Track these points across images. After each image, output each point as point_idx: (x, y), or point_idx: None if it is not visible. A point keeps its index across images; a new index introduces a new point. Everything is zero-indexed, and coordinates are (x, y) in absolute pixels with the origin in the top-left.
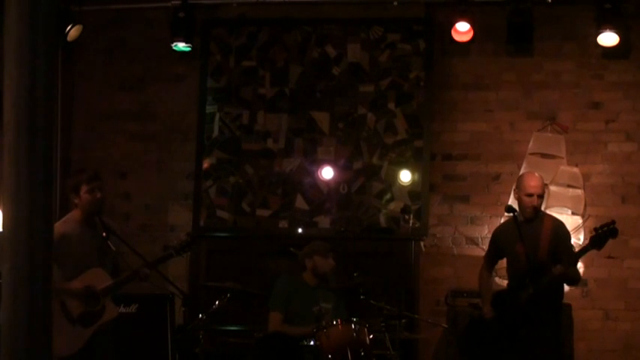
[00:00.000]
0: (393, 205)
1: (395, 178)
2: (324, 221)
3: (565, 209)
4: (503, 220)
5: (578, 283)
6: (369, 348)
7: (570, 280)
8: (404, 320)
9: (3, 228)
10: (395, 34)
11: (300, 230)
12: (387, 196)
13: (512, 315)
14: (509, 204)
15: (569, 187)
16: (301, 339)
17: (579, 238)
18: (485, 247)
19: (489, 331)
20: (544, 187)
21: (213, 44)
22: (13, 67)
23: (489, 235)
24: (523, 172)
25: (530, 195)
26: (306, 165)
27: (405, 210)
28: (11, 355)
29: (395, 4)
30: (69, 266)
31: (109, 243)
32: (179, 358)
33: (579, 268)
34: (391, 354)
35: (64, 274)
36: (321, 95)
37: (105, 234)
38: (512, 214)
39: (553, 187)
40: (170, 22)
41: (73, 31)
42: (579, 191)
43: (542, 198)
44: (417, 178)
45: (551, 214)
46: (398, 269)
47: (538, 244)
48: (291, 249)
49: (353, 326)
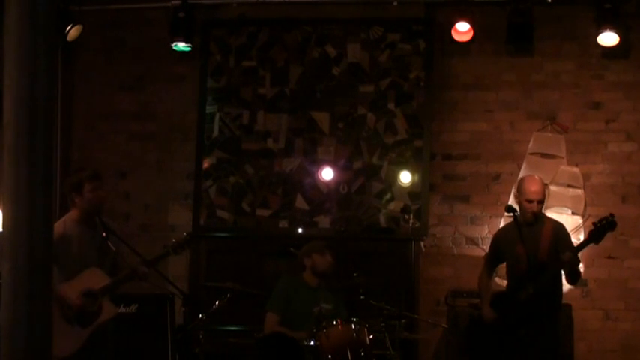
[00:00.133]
0: (393, 205)
1: (395, 178)
2: (324, 221)
3: (565, 209)
4: (503, 220)
5: (579, 276)
6: (369, 348)
7: (574, 272)
8: (404, 320)
9: (3, 228)
10: (395, 34)
11: (300, 230)
12: (387, 196)
13: (512, 315)
14: (509, 204)
15: (569, 187)
16: (299, 340)
17: (579, 238)
18: (486, 247)
19: (489, 331)
20: (545, 192)
21: (213, 44)
22: (13, 67)
23: (489, 235)
24: (524, 173)
25: (531, 201)
26: (306, 165)
27: (405, 210)
28: (11, 355)
29: (395, 4)
30: (68, 266)
31: (108, 243)
32: (179, 358)
33: (579, 267)
34: (391, 354)
35: (63, 274)
36: (321, 95)
37: (105, 234)
38: (512, 214)
39: (553, 187)
40: (170, 22)
41: (73, 31)
42: (579, 191)
43: (542, 204)
44: (416, 178)
45: (551, 216)
46: (398, 269)
47: (538, 245)
48: (291, 249)
49: (353, 326)
